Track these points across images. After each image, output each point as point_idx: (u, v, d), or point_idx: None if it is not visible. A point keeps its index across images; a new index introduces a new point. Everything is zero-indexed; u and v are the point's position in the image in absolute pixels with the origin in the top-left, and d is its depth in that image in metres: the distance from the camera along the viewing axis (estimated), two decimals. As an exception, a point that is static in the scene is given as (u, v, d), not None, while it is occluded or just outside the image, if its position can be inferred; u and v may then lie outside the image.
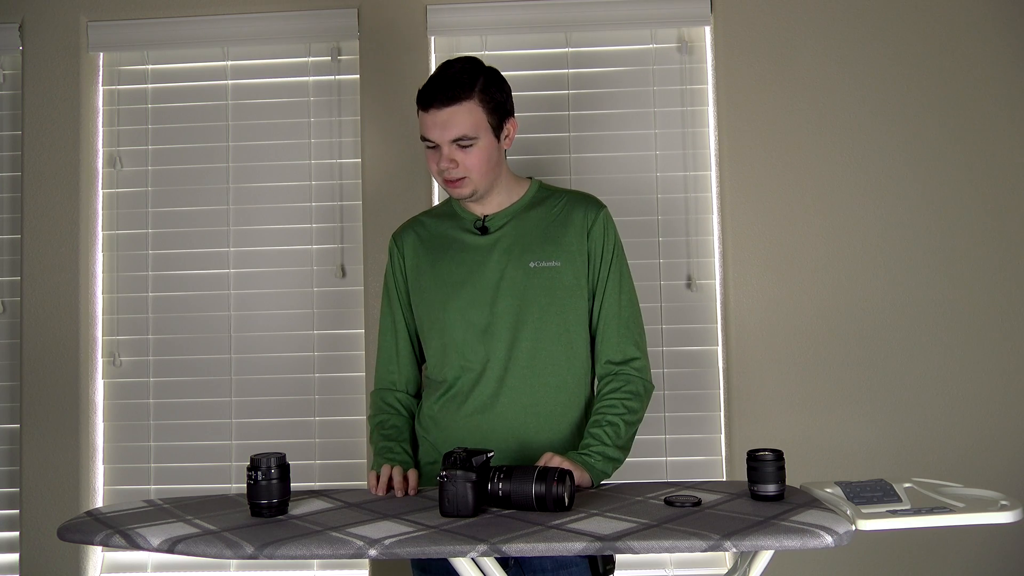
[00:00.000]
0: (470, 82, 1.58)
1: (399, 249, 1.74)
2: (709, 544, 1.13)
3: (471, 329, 1.62)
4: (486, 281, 1.63)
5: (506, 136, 1.64)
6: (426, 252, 1.71)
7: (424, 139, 1.61)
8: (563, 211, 1.68)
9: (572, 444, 1.62)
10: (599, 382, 1.67)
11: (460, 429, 1.62)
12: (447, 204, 1.78)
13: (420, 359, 1.77)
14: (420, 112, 1.61)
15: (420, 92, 1.61)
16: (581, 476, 1.48)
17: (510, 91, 1.66)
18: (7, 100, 2.50)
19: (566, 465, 1.45)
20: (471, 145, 1.58)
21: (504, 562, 1.48)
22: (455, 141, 1.57)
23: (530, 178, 1.75)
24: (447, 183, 1.62)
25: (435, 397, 1.67)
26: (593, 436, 1.56)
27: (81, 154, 2.42)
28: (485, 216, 1.68)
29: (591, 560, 1.52)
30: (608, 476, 1.55)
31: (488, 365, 1.61)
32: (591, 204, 1.69)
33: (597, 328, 1.67)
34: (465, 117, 1.57)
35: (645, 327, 1.71)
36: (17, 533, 2.38)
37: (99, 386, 2.45)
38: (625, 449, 1.59)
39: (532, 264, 1.62)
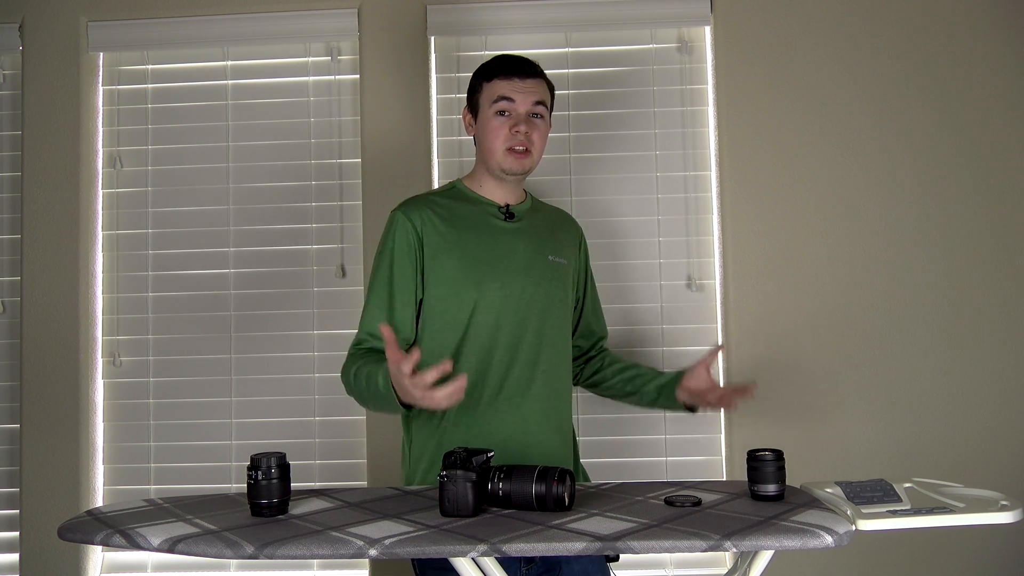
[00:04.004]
0: (540, 68, 1.73)
1: (413, 224, 1.64)
2: (709, 544, 1.13)
3: (507, 309, 1.64)
4: (517, 265, 1.67)
5: None
6: (449, 229, 1.65)
7: (503, 99, 1.66)
8: (558, 220, 1.84)
9: (565, 437, 1.71)
10: (600, 356, 1.89)
11: (499, 412, 1.62)
12: (452, 189, 1.76)
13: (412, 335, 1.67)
14: (498, 80, 1.67)
15: (497, 65, 1.69)
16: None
17: None
18: (7, 100, 2.50)
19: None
20: (543, 117, 1.69)
21: (530, 560, 1.54)
22: (536, 104, 1.68)
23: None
24: (513, 153, 1.66)
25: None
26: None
27: (81, 154, 2.42)
28: (507, 204, 1.73)
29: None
30: None
31: (520, 347, 1.64)
32: (574, 220, 1.89)
33: (588, 320, 1.88)
34: (544, 89, 1.71)
35: (645, 327, 1.87)
36: (17, 533, 2.38)
37: (99, 386, 2.45)
38: None
39: (550, 258, 1.71)
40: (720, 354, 2.35)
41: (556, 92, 2.35)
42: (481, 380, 1.62)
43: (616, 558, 1.57)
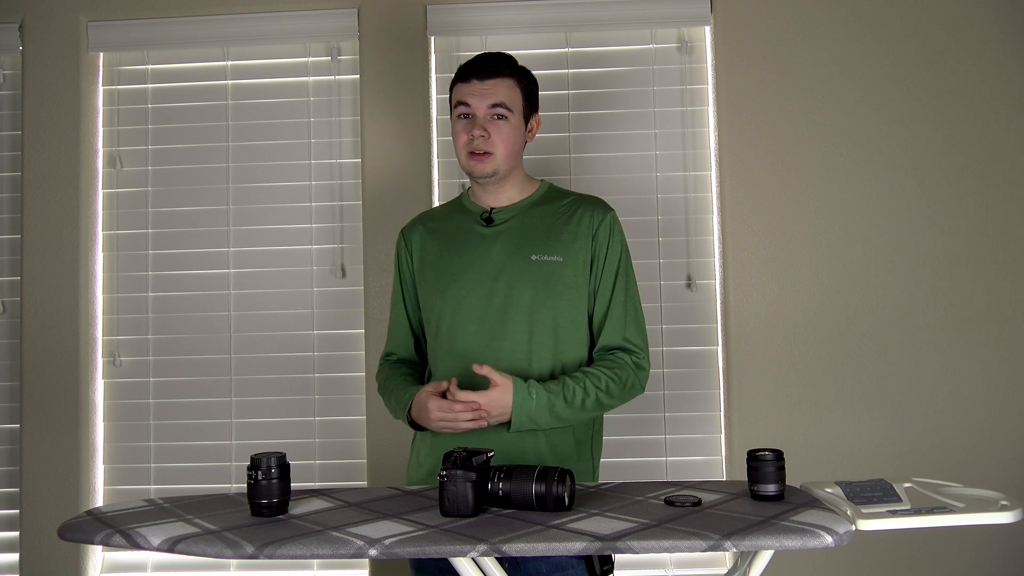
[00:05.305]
0: (510, 64, 1.70)
1: (406, 244, 1.78)
2: (709, 544, 1.13)
3: (468, 315, 1.64)
4: (486, 270, 1.65)
5: (530, 129, 1.73)
6: (433, 243, 1.74)
7: (460, 104, 1.66)
8: (569, 210, 1.71)
9: (556, 441, 1.62)
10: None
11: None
12: (456, 201, 1.81)
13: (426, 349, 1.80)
14: (458, 84, 1.68)
15: (460, 69, 1.69)
16: (502, 399, 1.51)
17: (538, 88, 1.76)
18: (7, 100, 2.50)
19: (495, 378, 1.51)
20: (505, 118, 1.65)
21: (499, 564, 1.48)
22: (493, 107, 1.64)
23: (542, 180, 1.78)
24: (473, 157, 1.65)
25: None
26: (559, 387, 1.56)
27: (81, 154, 2.42)
28: (492, 208, 1.71)
29: (587, 561, 1.52)
30: (527, 426, 1.54)
31: (482, 353, 1.61)
32: (598, 206, 1.71)
33: (597, 325, 1.67)
34: (504, 89, 1.66)
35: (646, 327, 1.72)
36: (17, 533, 2.38)
37: (99, 386, 2.45)
38: (568, 421, 1.59)
39: (534, 257, 1.64)
40: (720, 355, 2.35)
41: (554, 92, 2.39)
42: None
43: (610, 570, 1.55)
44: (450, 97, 1.72)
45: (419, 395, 1.59)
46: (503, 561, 1.51)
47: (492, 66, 1.66)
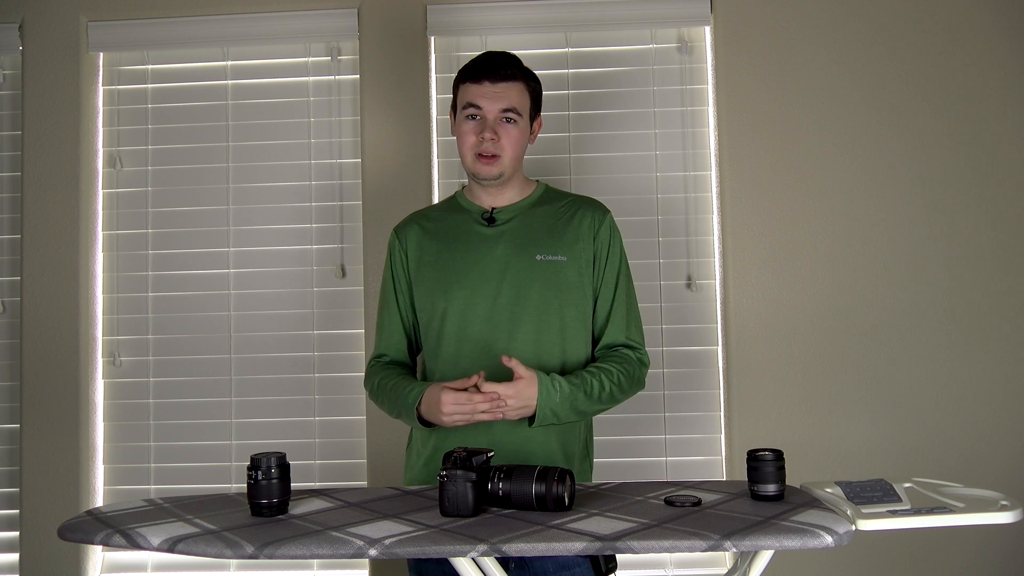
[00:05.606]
0: (519, 67, 1.69)
1: (401, 243, 1.75)
2: (709, 544, 1.13)
3: (474, 316, 1.63)
4: (491, 270, 1.64)
5: (533, 131, 1.73)
6: (431, 243, 1.72)
7: (470, 106, 1.65)
8: (570, 211, 1.72)
9: (566, 439, 1.63)
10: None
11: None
12: (451, 200, 1.80)
13: (417, 351, 1.79)
14: (468, 84, 1.66)
15: (469, 68, 1.67)
16: (527, 392, 1.50)
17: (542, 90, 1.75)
18: (7, 100, 2.50)
19: (521, 371, 1.50)
20: (514, 121, 1.65)
21: (505, 564, 1.48)
22: (504, 111, 1.63)
23: (537, 180, 1.79)
24: (481, 159, 1.65)
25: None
26: (579, 380, 1.56)
27: (81, 154, 2.42)
28: (493, 208, 1.71)
29: (593, 560, 1.52)
30: (549, 420, 1.54)
31: (489, 354, 1.61)
32: (598, 208, 1.74)
33: (600, 324, 1.69)
34: (516, 93, 1.66)
35: (645, 327, 1.75)
36: (17, 533, 2.38)
37: (99, 386, 2.45)
38: (584, 416, 1.61)
39: (538, 257, 1.65)
40: (720, 355, 2.35)
41: (554, 92, 2.39)
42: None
43: (613, 568, 1.55)
44: (454, 95, 1.70)
45: (431, 389, 1.56)
46: (511, 560, 1.52)
47: (504, 68, 1.65)
